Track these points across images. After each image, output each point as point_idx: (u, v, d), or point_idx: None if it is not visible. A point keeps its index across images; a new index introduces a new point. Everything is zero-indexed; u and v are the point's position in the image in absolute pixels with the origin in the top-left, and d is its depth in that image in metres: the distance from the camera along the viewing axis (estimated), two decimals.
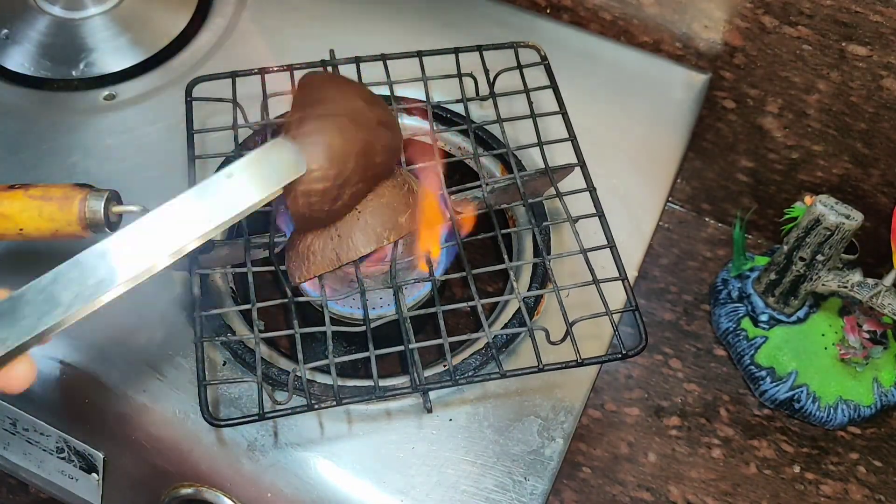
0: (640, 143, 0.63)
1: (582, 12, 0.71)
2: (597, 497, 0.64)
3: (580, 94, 0.59)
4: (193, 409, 0.49)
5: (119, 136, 0.60)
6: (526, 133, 0.55)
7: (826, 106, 0.66)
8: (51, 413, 0.52)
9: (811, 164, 0.71)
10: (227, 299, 0.54)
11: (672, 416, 0.68)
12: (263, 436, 0.48)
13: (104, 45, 0.66)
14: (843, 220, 0.59)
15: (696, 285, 0.76)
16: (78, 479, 0.53)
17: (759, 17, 0.63)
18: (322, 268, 0.46)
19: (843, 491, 0.65)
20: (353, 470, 0.47)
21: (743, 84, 0.68)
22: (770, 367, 0.67)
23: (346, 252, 0.45)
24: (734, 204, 0.78)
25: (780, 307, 0.68)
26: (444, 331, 0.45)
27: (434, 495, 0.47)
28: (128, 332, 0.51)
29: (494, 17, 0.69)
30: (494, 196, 0.52)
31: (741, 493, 0.65)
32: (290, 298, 0.47)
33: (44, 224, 0.43)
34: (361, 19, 0.68)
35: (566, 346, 0.45)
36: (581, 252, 0.47)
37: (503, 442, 0.49)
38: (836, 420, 0.66)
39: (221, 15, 0.68)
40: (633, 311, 0.46)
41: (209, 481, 0.48)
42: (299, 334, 0.45)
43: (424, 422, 0.49)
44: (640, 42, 0.70)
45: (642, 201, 0.60)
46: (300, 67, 0.55)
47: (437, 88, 0.56)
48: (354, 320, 0.54)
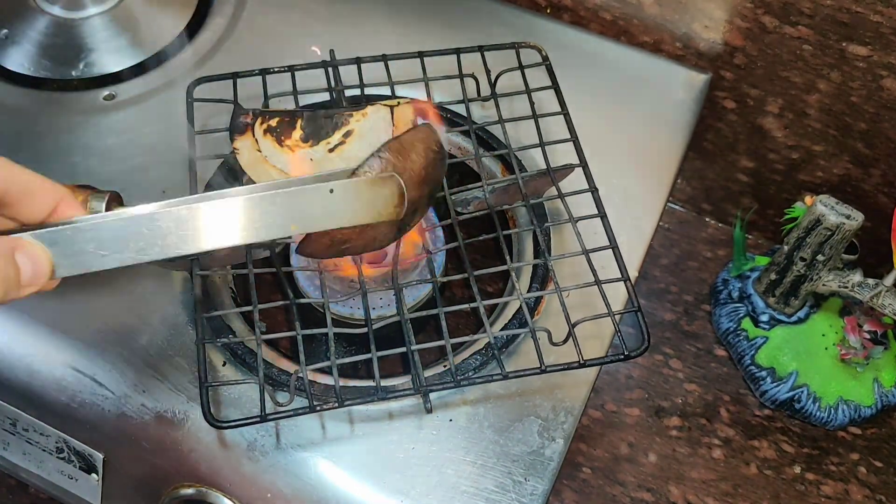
0: (641, 143, 0.63)
1: (582, 12, 0.71)
2: (597, 497, 0.64)
3: (581, 94, 0.59)
4: (194, 410, 0.49)
5: (119, 136, 0.60)
6: (527, 133, 0.55)
7: (826, 106, 0.66)
8: (51, 413, 0.52)
9: (811, 164, 0.71)
10: (227, 300, 0.54)
11: (672, 416, 0.68)
12: (263, 436, 0.48)
13: (104, 45, 0.66)
14: (844, 221, 0.59)
15: (696, 285, 0.76)
16: (78, 480, 0.53)
17: (759, 17, 0.63)
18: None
19: (844, 491, 0.65)
20: (353, 470, 0.47)
21: (743, 84, 0.68)
22: (770, 368, 0.67)
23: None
24: (734, 204, 0.78)
25: (780, 307, 0.68)
26: (446, 332, 0.45)
27: (434, 496, 0.47)
28: (128, 333, 0.51)
29: (495, 17, 0.69)
30: (495, 196, 0.52)
31: (742, 493, 0.65)
32: (291, 300, 0.47)
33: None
34: (362, 19, 0.68)
35: (566, 346, 0.45)
36: (583, 253, 0.47)
37: (503, 442, 0.49)
38: (837, 420, 0.66)
39: (221, 15, 0.68)
40: (635, 311, 0.46)
41: (209, 482, 0.48)
42: (301, 335, 0.44)
43: (425, 422, 0.49)
44: (641, 42, 0.70)
45: (642, 201, 0.60)
46: (301, 68, 0.55)
47: (439, 89, 0.56)
48: (356, 321, 0.54)
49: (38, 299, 0.52)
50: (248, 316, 0.54)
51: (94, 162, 0.59)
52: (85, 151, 0.59)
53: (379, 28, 0.68)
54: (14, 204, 0.34)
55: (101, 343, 0.51)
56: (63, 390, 0.51)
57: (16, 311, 0.52)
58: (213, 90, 0.54)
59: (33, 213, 0.34)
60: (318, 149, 0.47)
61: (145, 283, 0.53)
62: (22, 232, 0.32)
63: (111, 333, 0.51)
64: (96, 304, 0.53)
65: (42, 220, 0.34)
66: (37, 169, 0.58)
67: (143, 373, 0.50)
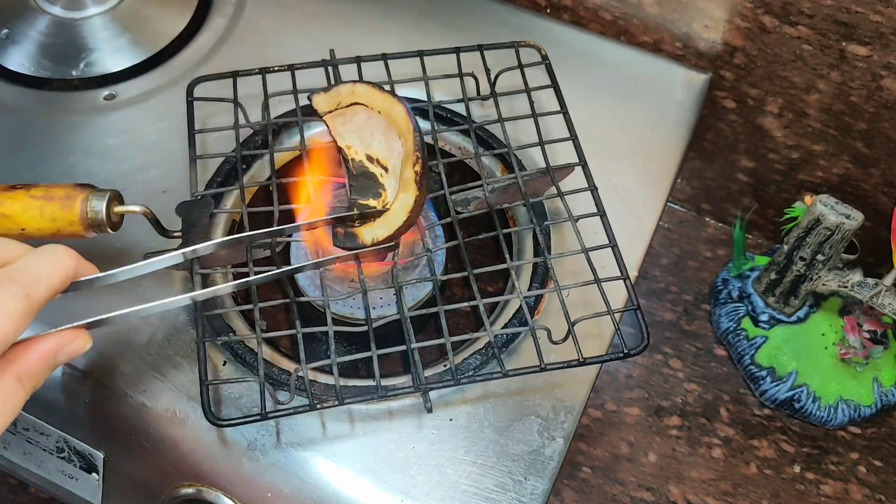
0: (641, 143, 0.63)
1: (582, 12, 0.71)
2: (597, 497, 0.64)
3: (580, 93, 0.59)
4: (194, 409, 0.49)
5: (119, 136, 0.60)
6: (527, 133, 0.55)
7: (826, 106, 0.66)
8: (51, 413, 0.52)
9: (811, 164, 0.71)
10: (228, 299, 0.54)
11: (672, 415, 0.68)
12: (264, 436, 0.48)
13: (104, 45, 0.66)
14: (844, 220, 0.59)
15: (696, 285, 0.76)
16: (78, 479, 0.53)
17: (759, 17, 0.63)
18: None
19: (844, 491, 0.65)
20: (354, 469, 0.47)
21: (743, 84, 0.68)
22: (770, 367, 0.67)
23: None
24: (734, 204, 0.78)
25: (780, 307, 0.68)
26: (446, 330, 0.45)
27: (434, 495, 0.47)
28: (128, 332, 0.51)
29: (495, 16, 0.69)
30: (495, 196, 0.52)
31: (741, 492, 0.65)
32: (291, 298, 0.47)
33: (45, 224, 0.43)
34: (362, 19, 0.68)
35: (566, 345, 0.45)
36: (582, 251, 0.47)
37: (503, 442, 0.49)
38: (837, 420, 0.66)
39: (221, 15, 0.68)
40: (634, 310, 0.46)
41: (209, 481, 0.48)
42: (301, 334, 0.45)
43: (425, 422, 0.49)
44: (641, 42, 0.70)
45: (642, 201, 0.60)
46: (301, 67, 0.55)
47: (438, 88, 0.56)
48: (356, 320, 0.54)
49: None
50: (248, 315, 0.54)
51: (94, 162, 0.59)
52: (85, 151, 0.59)
53: (379, 27, 0.68)
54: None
55: (101, 342, 0.51)
56: (63, 390, 0.51)
57: None
58: (213, 89, 0.54)
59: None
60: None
61: (145, 282, 0.53)
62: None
63: (111, 333, 0.51)
64: (96, 304, 0.53)
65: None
66: (37, 168, 0.59)
67: (144, 372, 0.50)
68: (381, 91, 0.50)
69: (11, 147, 0.60)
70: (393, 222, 0.46)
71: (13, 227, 0.43)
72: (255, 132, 0.58)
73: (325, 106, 0.52)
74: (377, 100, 0.50)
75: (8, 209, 0.42)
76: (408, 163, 0.46)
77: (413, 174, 0.46)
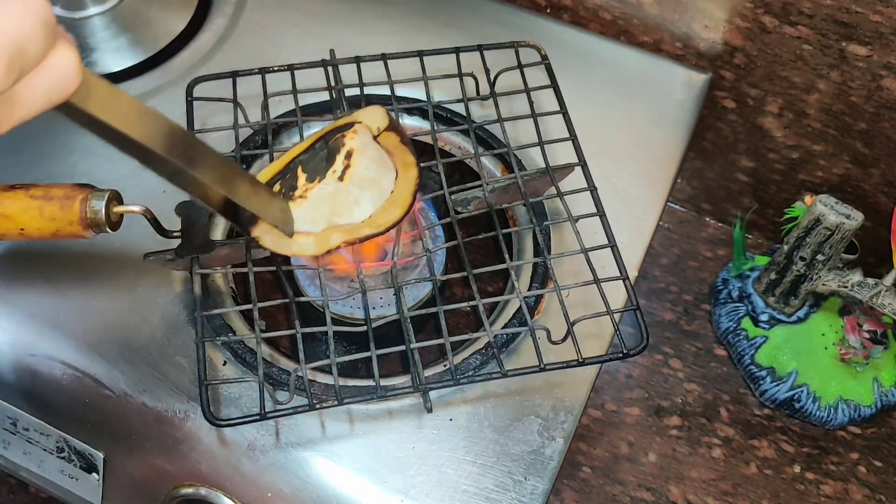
0: (641, 143, 0.63)
1: (582, 12, 0.71)
2: (597, 497, 0.64)
3: (580, 93, 0.59)
4: (193, 409, 0.49)
5: None
6: (526, 133, 0.55)
7: (826, 106, 0.66)
8: (51, 413, 0.52)
9: (811, 164, 0.71)
10: (227, 299, 0.54)
11: (672, 415, 0.68)
12: (264, 435, 0.48)
13: (104, 44, 0.66)
14: (844, 220, 0.59)
15: (696, 285, 0.76)
16: (78, 479, 0.53)
17: (759, 17, 0.63)
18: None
19: (844, 491, 0.65)
20: (354, 469, 0.47)
21: (743, 84, 0.68)
22: (770, 367, 0.67)
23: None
24: (734, 204, 0.78)
25: (780, 307, 0.68)
26: (446, 330, 0.45)
27: (434, 495, 0.47)
28: (128, 332, 0.51)
29: (495, 16, 0.69)
30: (495, 196, 0.52)
31: (741, 492, 0.65)
32: (291, 298, 0.47)
33: (45, 224, 0.43)
34: (361, 19, 0.68)
35: (566, 345, 0.45)
36: (582, 251, 0.47)
37: (503, 442, 0.49)
38: (837, 420, 0.66)
39: (221, 15, 0.68)
40: (634, 310, 0.46)
41: (209, 481, 0.48)
42: (301, 334, 0.45)
43: (425, 421, 0.49)
44: (641, 42, 0.70)
45: (642, 201, 0.60)
46: (300, 67, 0.55)
47: (438, 88, 0.56)
48: (355, 320, 0.54)
49: (38, 298, 0.53)
50: (247, 314, 0.54)
51: (94, 162, 0.59)
52: (85, 151, 0.59)
53: (378, 27, 0.68)
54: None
55: (101, 342, 0.51)
56: (63, 390, 0.51)
57: (17, 310, 0.52)
58: (212, 89, 0.54)
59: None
60: (328, 181, 0.46)
61: (145, 282, 0.53)
62: None
63: (111, 333, 0.51)
64: (97, 304, 0.53)
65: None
66: (37, 168, 0.59)
67: (144, 372, 0.50)
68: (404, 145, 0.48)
69: (11, 147, 0.60)
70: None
71: (12, 227, 0.43)
72: (255, 132, 0.58)
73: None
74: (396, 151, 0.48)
75: (7, 209, 0.42)
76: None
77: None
